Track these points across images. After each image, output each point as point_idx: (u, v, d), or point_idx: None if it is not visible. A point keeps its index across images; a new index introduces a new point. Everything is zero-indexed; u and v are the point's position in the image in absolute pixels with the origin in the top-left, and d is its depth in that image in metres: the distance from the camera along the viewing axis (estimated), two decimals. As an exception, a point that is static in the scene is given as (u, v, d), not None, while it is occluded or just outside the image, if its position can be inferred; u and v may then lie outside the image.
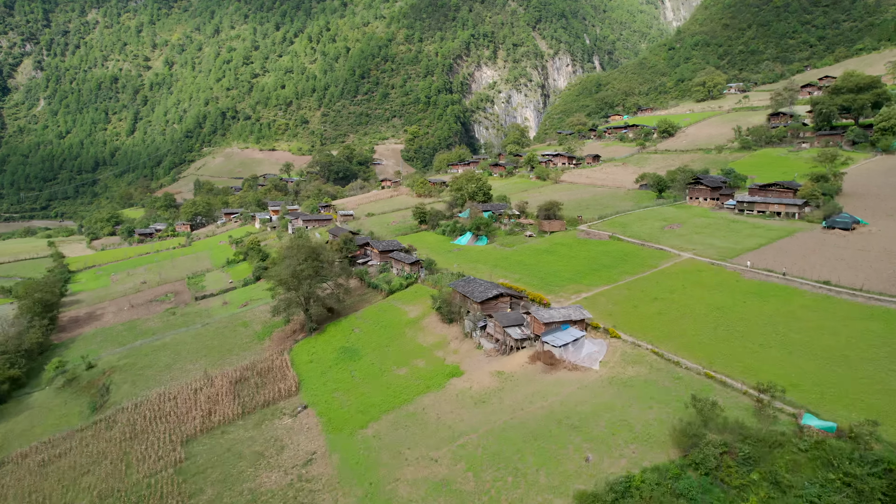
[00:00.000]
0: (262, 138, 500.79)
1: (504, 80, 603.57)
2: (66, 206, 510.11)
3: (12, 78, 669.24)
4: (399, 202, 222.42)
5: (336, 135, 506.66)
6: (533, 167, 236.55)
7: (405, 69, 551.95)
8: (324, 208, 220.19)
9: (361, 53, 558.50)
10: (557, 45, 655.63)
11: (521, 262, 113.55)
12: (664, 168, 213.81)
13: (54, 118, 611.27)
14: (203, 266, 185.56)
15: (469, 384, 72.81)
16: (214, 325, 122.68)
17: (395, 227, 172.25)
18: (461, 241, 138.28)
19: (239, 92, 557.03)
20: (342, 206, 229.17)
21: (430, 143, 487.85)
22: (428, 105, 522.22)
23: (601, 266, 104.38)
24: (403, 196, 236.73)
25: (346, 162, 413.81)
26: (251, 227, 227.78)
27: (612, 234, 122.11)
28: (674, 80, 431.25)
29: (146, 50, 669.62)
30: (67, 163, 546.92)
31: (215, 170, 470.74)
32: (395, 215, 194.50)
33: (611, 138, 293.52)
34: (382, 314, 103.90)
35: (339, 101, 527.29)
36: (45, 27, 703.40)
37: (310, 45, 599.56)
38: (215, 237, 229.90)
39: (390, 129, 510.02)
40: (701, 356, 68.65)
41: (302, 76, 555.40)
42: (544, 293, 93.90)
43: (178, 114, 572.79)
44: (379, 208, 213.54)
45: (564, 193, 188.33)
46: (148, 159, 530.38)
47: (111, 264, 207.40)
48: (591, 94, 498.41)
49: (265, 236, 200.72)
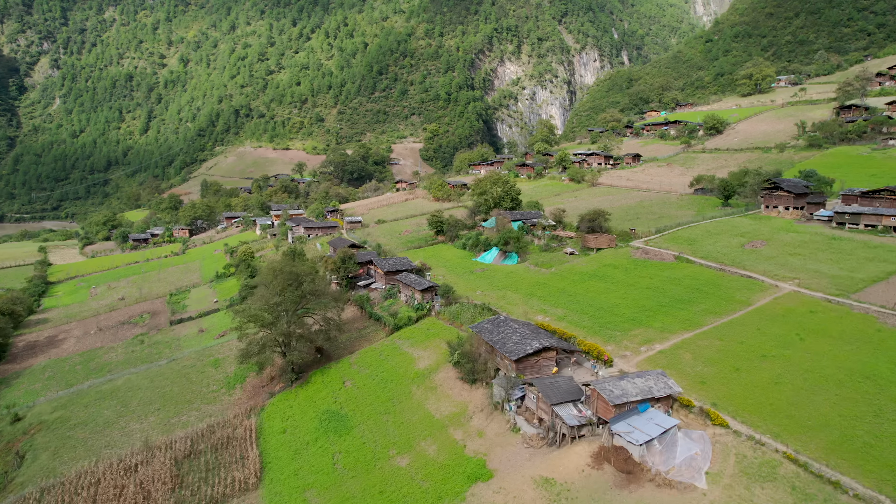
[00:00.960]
0: (276, 137, 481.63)
1: (528, 76, 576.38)
2: (76, 207, 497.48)
3: (29, 77, 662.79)
4: (414, 207, 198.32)
5: (352, 133, 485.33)
6: (565, 168, 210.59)
7: (425, 65, 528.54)
8: (330, 213, 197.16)
9: (380, 49, 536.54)
10: (584, 39, 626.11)
11: (563, 291, 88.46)
12: (716, 169, 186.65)
13: (69, 117, 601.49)
14: (191, 279, 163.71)
15: (502, 498, 48.02)
16: (182, 361, 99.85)
17: (408, 237, 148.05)
18: (486, 258, 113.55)
19: (253, 89, 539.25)
20: (351, 210, 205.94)
21: (450, 142, 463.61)
22: (448, 102, 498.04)
23: (673, 300, 78.75)
24: (419, 200, 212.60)
25: (362, 161, 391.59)
26: (251, 234, 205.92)
27: (679, 253, 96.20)
28: (712, 75, 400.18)
29: (162, 47, 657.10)
30: (80, 162, 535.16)
31: (227, 169, 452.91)
32: (409, 223, 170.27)
33: (649, 136, 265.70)
34: (384, 361, 79.71)
35: (356, 98, 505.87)
36: (63, 25, 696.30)
37: (326, 40, 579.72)
38: (212, 244, 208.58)
39: (409, 128, 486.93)
40: (873, 471, 43.04)
41: (318, 72, 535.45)
42: (601, 341, 68.81)
43: (192, 112, 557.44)
44: (391, 214, 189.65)
45: (605, 199, 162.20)
46: (160, 158, 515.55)
47: (96, 275, 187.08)
48: (623, 90, 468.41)
49: (263, 245, 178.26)
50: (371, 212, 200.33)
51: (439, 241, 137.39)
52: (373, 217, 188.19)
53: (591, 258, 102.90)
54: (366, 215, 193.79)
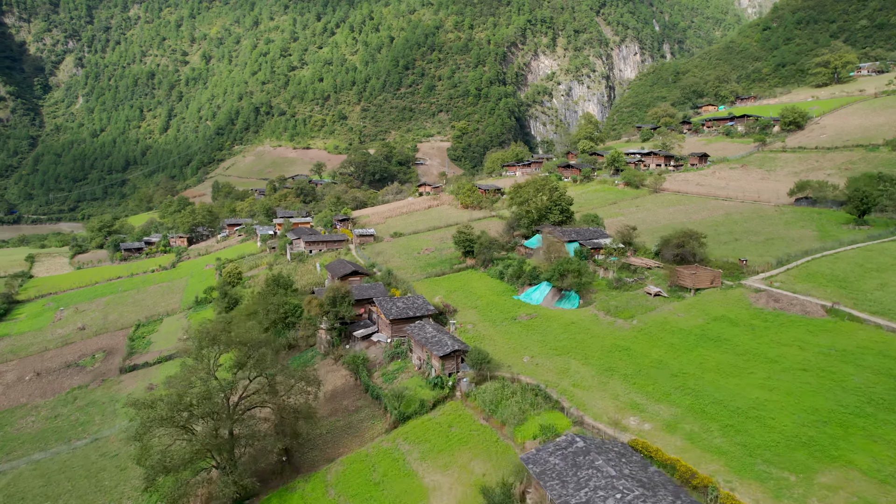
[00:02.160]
0: (297, 135, 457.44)
1: (564, 71, 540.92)
2: (93, 208, 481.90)
3: (54, 76, 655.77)
4: (438, 216, 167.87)
5: (376, 131, 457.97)
6: (618, 170, 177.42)
7: (453, 59, 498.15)
8: (340, 222, 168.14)
9: (406, 42, 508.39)
10: (624, 31, 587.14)
11: (660, 365, 56.87)
12: (807, 172, 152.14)
13: (90, 116, 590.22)
14: (169, 304, 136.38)
15: None
16: (106, 443, 71.49)
17: (428, 258, 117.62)
18: (533, 296, 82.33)
19: (274, 86, 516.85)
20: (365, 219, 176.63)
21: (480, 141, 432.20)
22: (478, 98, 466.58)
23: (864, 400, 46.40)
24: (445, 207, 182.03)
25: (384, 162, 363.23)
26: (251, 245, 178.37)
27: (832, 303, 63.44)
28: (771, 65, 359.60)
29: (184, 44, 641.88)
30: (98, 162, 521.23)
31: (245, 170, 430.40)
32: (431, 237, 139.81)
33: (711, 132, 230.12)
34: (377, 488, 49.18)
35: (381, 94, 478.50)
36: (88, 23, 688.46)
37: (351, 35, 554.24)
38: (206, 257, 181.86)
39: (436, 125, 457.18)
40: None
41: (341, 68, 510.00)
42: (764, 495, 37.02)
43: (212, 110, 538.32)
44: (411, 224, 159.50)
45: (677, 210, 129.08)
46: (178, 158, 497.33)
47: (71, 292, 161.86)
48: (669, 84, 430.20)
49: (258, 261, 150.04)
50: (388, 221, 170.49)
51: (468, 264, 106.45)
52: (389, 228, 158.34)
53: (688, 304, 70.60)
54: (381, 225, 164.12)
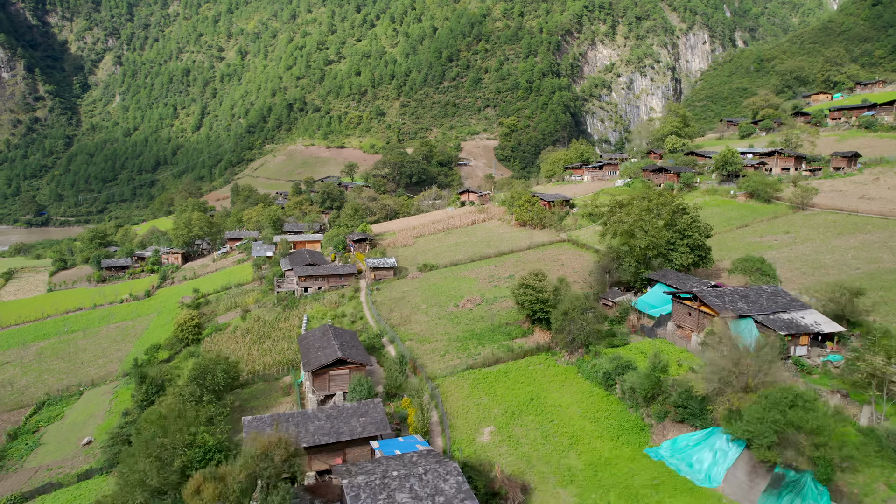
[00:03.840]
0: (331, 133, 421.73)
1: (625, 62, 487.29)
2: (121, 210, 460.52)
3: (93, 74, 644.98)
4: (486, 236, 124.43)
5: (416, 129, 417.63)
6: (731, 175, 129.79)
7: (502, 49, 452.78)
8: (357, 243, 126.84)
9: (450, 32, 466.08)
10: (692, 18, 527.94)
11: None
12: None
13: (125, 114, 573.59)
14: (108, 362, 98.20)
15: None
16: None
17: (470, 318, 74.64)
18: (694, 458, 38.00)
19: (309, 81, 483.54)
20: (391, 236, 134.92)
21: (531, 139, 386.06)
22: (529, 91, 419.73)
23: None
24: (494, 223, 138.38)
25: (423, 162, 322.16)
26: (245, 270, 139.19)
27: None
28: (887, 48, 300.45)
29: (221, 40, 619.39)
30: (129, 162, 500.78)
31: (274, 170, 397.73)
32: (476, 273, 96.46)
33: (841, 126, 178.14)
34: None
35: (422, 88, 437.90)
36: (128, 21, 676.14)
37: (392, 26, 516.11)
38: (190, 283, 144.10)
39: (481, 122, 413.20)
40: None
41: (380, 61, 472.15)
42: None
43: (245, 107, 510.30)
44: (448, 249, 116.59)
45: (859, 241, 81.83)
46: (208, 158, 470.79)
47: (14, 328, 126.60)
48: (751, 73, 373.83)
49: (239, 299, 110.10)
50: (418, 242, 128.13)
51: (538, 341, 62.62)
52: (419, 253, 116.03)
53: None
54: (409, 249, 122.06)
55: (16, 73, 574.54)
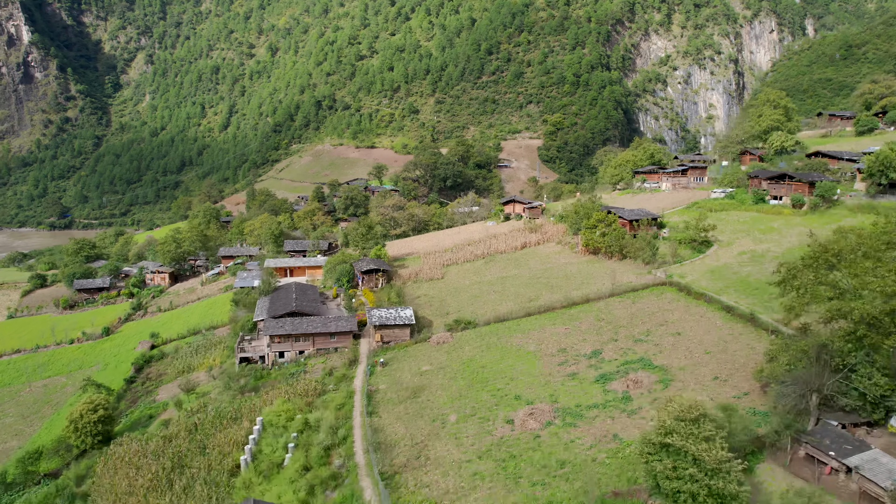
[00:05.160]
0: (361, 132, 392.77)
1: (681, 53, 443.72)
2: (144, 213, 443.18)
3: (125, 74, 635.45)
4: (542, 268, 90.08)
5: (452, 127, 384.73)
6: (887, 185, 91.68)
7: (546, 41, 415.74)
8: (366, 275, 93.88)
9: (490, 24, 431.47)
10: (757, 4, 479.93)
11: None
12: None
13: (153, 113, 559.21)
14: (11, 438, 67.94)
15: None
16: None
17: (540, 466, 40.22)
18: None
19: (340, 77, 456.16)
20: (413, 262, 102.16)
21: (579, 138, 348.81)
22: (576, 86, 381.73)
23: None
24: (551, 247, 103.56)
25: (459, 164, 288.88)
26: (229, 302, 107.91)
27: None
28: None
29: (252, 36, 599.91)
30: (154, 163, 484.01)
31: (299, 172, 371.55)
32: (538, 343, 62.61)
33: None
34: None
35: (459, 83, 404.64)
36: (161, 19, 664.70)
37: (427, 18, 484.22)
38: (166, 316, 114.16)
39: (524, 120, 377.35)
40: None
41: (414, 55, 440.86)
42: None
43: (273, 105, 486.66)
44: (490, 292, 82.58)
45: None
46: (233, 158, 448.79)
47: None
48: (836, 63, 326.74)
49: (195, 361, 78.63)
50: (449, 274, 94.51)
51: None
52: (448, 292, 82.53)
53: None
54: (435, 284, 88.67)
55: (48, 72, 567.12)
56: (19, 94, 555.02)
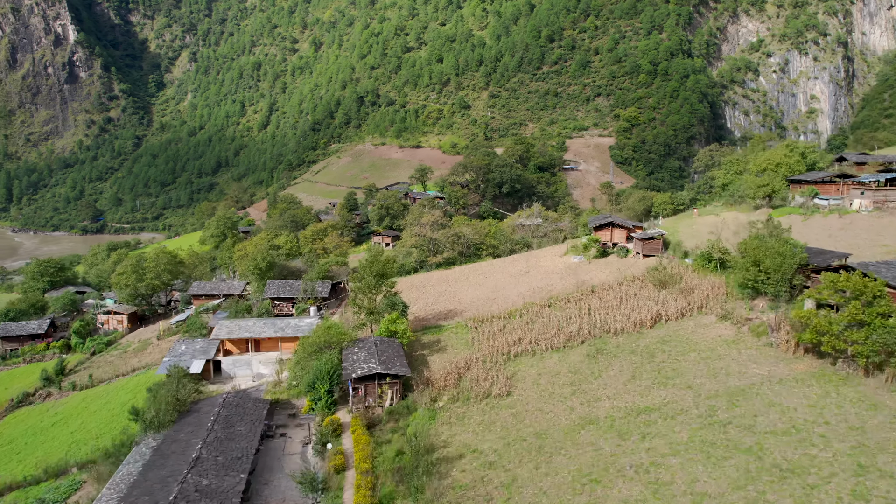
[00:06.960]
0: (405, 130, 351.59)
1: (777, 37, 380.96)
2: (176, 217, 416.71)
3: (169, 72, 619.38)
4: (716, 387, 43.24)
5: (508, 124, 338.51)
6: None
7: (616, 25, 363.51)
8: (364, 382, 48.94)
9: (551, 8, 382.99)
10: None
11: None
12: None
13: (193, 112, 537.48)
14: None
15: None
16: None
17: None
18: None
19: (384, 71, 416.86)
20: (455, 333, 56.78)
21: (658, 136, 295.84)
22: (653, 76, 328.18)
23: None
24: (715, 331, 55.57)
25: (517, 166, 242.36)
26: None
27: None
28: None
29: (295, 31, 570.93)
30: (189, 164, 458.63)
31: (337, 174, 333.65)
32: None
33: None
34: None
35: (516, 75, 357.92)
36: (206, 17, 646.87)
37: (481, 5, 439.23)
38: (84, 396, 73.42)
39: (591, 115, 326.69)
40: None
41: (466, 45, 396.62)
42: None
43: (314, 102, 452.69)
44: (613, 483, 35.41)
45: None
46: (269, 159, 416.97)
47: None
48: None
49: None
50: (519, 377, 48.55)
51: None
52: (521, 447, 37.10)
53: None
54: (492, 417, 43.09)
55: (93, 72, 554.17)
56: (64, 94, 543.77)
